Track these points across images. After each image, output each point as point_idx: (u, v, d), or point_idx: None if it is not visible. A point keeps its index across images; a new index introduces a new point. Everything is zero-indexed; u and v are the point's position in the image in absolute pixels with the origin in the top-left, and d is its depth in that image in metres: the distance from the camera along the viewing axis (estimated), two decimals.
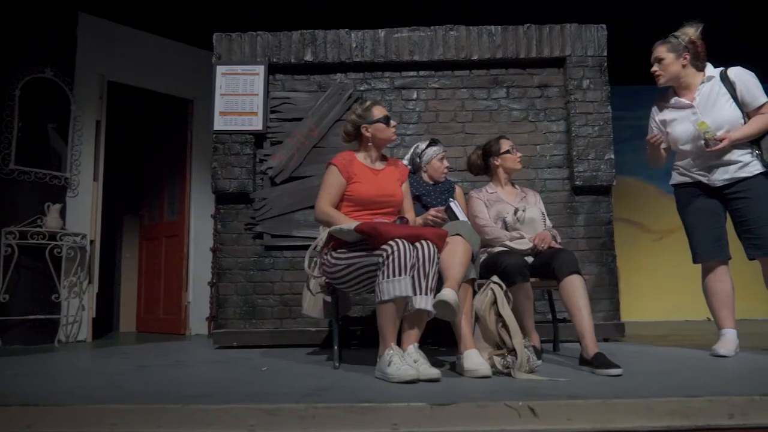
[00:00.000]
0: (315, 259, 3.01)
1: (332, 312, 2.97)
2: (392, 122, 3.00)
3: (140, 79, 5.47)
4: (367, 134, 2.96)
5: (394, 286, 2.41)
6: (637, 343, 3.83)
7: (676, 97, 3.23)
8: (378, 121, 2.94)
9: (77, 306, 4.84)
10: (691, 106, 3.14)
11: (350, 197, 2.88)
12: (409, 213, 3.04)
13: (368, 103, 3.02)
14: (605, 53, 4.25)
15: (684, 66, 3.18)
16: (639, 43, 3.94)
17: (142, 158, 6.46)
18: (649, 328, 5.40)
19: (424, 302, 2.45)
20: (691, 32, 3.18)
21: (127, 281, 6.44)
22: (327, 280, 2.81)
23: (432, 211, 3.04)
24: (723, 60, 3.21)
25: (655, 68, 3.23)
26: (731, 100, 3.08)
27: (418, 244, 2.52)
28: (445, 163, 3.49)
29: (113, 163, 5.70)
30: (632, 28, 5.23)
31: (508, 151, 3.38)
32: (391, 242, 2.47)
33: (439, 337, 3.49)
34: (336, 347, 2.88)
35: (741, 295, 3.97)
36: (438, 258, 2.55)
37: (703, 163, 3.12)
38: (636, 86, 6.40)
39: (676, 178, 3.27)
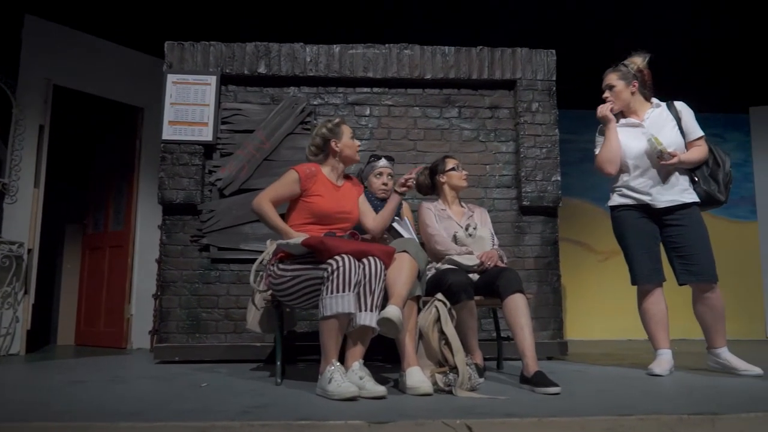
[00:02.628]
0: (261, 273, 2.97)
1: (276, 327, 2.92)
2: (357, 141, 3.08)
3: (89, 85, 5.32)
4: (337, 149, 3.00)
5: (337, 302, 2.40)
6: (579, 362, 3.90)
7: (626, 118, 3.37)
8: (351, 138, 3.04)
9: (11, 317, 4.62)
10: (641, 125, 3.28)
11: (308, 209, 2.88)
12: (369, 215, 3.06)
13: (338, 120, 3.08)
14: (554, 77, 4.37)
15: (633, 93, 3.35)
16: (588, 68, 4.08)
17: (88, 166, 6.27)
18: (592, 346, 5.50)
19: (368, 319, 2.44)
20: (638, 61, 3.37)
21: (67, 293, 6.20)
22: (272, 293, 2.78)
23: (400, 181, 2.99)
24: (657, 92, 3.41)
25: (606, 95, 3.38)
26: (677, 127, 3.28)
27: (364, 260, 2.52)
28: (384, 179, 3.49)
29: (57, 170, 5.51)
30: (581, 54, 5.39)
31: (453, 169, 3.42)
32: (336, 257, 2.47)
33: (387, 354, 3.48)
34: (279, 363, 2.84)
35: (678, 316, 4.12)
36: (384, 275, 2.56)
37: (648, 181, 3.23)
38: (584, 110, 6.59)
39: (616, 199, 3.36)
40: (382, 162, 3.52)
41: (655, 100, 3.39)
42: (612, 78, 3.36)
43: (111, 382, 2.86)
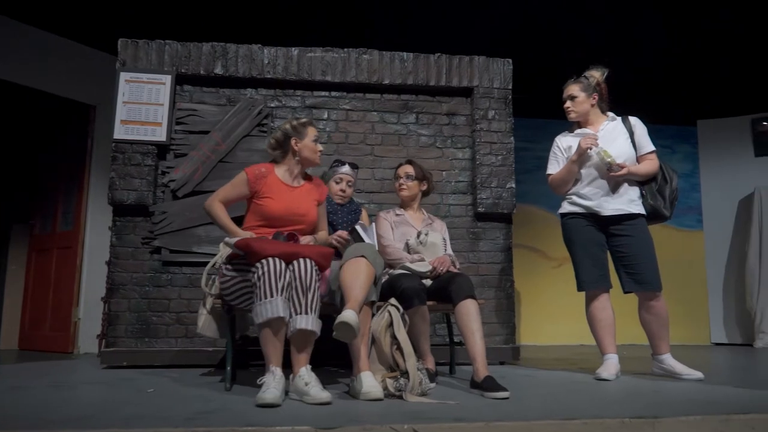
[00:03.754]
0: (213, 276, 2.92)
1: (227, 331, 2.88)
2: (320, 146, 3.04)
3: (37, 81, 5.15)
4: (296, 148, 2.97)
5: (266, 308, 2.38)
6: (530, 367, 3.95)
7: (581, 129, 3.46)
8: (313, 140, 3.00)
9: None
10: (595, 136, 3.35)
11: (259, 212, 2.88)
12: (323, 231, 3.06)
13: (305, 120, 3.05)
14: (510, 86, 4.44)
15: (592, 105, 3.45)
16: (544, 78, 4.16)
17: (36, 164, 6.07)
18: (544, 351, 5.60)
19: (303, 322, 2.41)
20: (597, 75, 3.47)
21: (11, 295, 5.97)
22: (222, 295, 2.75)
23: (335, 235, 3.09)
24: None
25: (568, 104, 3.47)
26: (629, 140, 3.38)
27: (295, 262, 2.50)
28: (342, 186, 3.49)
29: (2, 168, 5.31)
30: (537, 64, 5.50)
31: (398, 177, 3.48)
32: (262, 261, 2.44)
33: (341, 359, 3.46)
34: (229, 368, 2.79)
35: (627, 322, 4.22)
36: (318, 275, 2.54)
37: (597, 190, 3.31)
38: (540, 119, 6.74)
39: (566, 207, 3.45)
40: (345, 168, 3.51)
41: (611, 114, 3.51)
42: (574, 89, 3.45)
43: (55, 388, 2.77)
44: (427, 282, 3.10)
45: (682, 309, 6.53)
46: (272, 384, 2.29)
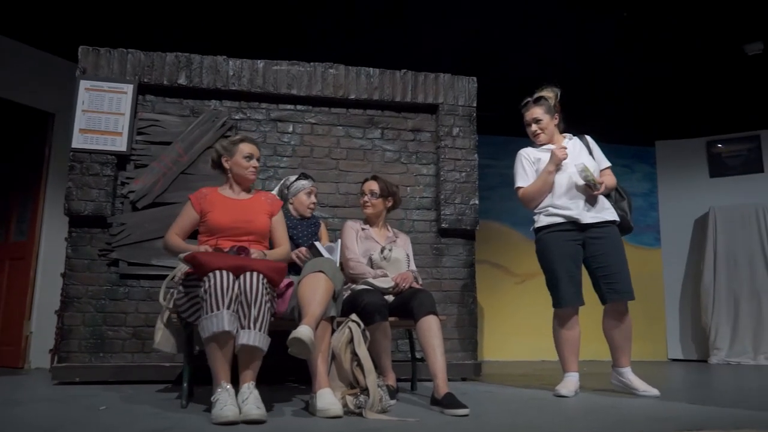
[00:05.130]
0: (171, 290, 2.86)
1: (184, 346, 2.82)
2: (253, 161, 2.98)
3: None
4: (227, 166, 2.98)
5: (211, 322, 2.32)
6: (492, 383, 3.97)
7: (550, 145, 3.46)
8: (244, 157, 2.96)
9: None
10: (565, 147, 3.39)
11: (206, 227, 2.87)
12: (284, 245, 3.03)
13: (238, 137, 3.03)
14: (475, 104, 4.49)
15: (555, 125, 3.50)
16: (508, 97, 4.21)
17: None
18: (506, 367, 5.64)
19: (246, 337, 2.35)
20: (552, 96, 3.50)
21: None
22: (177, 310, 2.69)
23: (296, 251, 3.13)
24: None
25: (534, 128, 3.47)
26: (590, 156, 3.46)
27: (242, 276, 2.46)
28: (312, 198, 3.50)
29: None
30: (502, 82, 5.58)
31: (363, 193, 3.47)
32: (210, 274, 2.40)
33: (300, 375, 3.42)
34: (185, 384, 2.73)
35: (590, 338, 4.28)
36: (268, 289, 2.49)
37: (573, 200, 3.32)
38: (504, 137, 6.84)
39: (543, 220, 3.38)
40: (310, 181, 3.54)
41: (567, 134, 3.57)
42: (537, 112, 3.46)
43: (2, 405, 2.66)
44: (390, 298, 3.09)
45: (640, 325, 6.57)
46: (228, 401, 2.24)
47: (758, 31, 5.63)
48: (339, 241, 3.37)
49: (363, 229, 3.46)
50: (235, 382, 2.36)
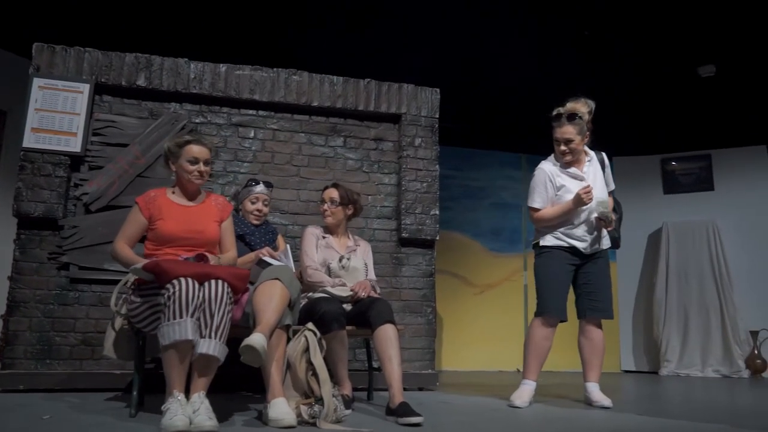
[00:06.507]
0: (123, 296, 2.79)
1: (136, 354, 2.75)
2: (199, 165, 2.79)
3: None
4: (172, 169, 2.84)
5: (174, 330, 2.27)
6: (448, 393, 3.98)
7: (573, 168, 3.41)
8: (188, 160, 2.78)
9: None
10: (583, 179, 3.37)
11: (155, 236, 2.73)
12: (231, 251, 2.94)
13: (185, 138, 2.86)
14: (437, 115, 4.53)
15: (585, 144, 3.43)
16: (471, 109, 4.27)
17: None
18: (464, 377, 5.66)
19: (206, 347, 2.30)
20: (586, 113, 3.39)
21: None
22: (130, 320, 2.62)
23: (263, 250, 3.11)
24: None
25: (564, 148, 3.34)
26: (603, 180, 3.47)
27: (206, 284, 2.41)
28: (259, 206, 3.43)
29: None
30: (465, 94, 5.65)
31: (323, 201, 3.43)
32: (174, 281, 2.35)
33: (254, 384, 3.36)
34: (135, 393, 2.66)
35: (553, 349, 4.33)
36: (230, 298, 2.46)
37: (585, 232, 3.36)
38: (466, 148, 6.91)
39: (550, 240, 3.38)
40: (260, 188, 3.46)
41: (590, 152, 3.51)
42: (570, 132, 3.31)
43: None
44: (348, 306, 3.07)
45: None
46: (179, 410, 2.18)
47: (711, 55, 5.85)
48: (287, 250, 3.26)
49: (323, 237, 3.42)
50: (186, 391, 2.31)
